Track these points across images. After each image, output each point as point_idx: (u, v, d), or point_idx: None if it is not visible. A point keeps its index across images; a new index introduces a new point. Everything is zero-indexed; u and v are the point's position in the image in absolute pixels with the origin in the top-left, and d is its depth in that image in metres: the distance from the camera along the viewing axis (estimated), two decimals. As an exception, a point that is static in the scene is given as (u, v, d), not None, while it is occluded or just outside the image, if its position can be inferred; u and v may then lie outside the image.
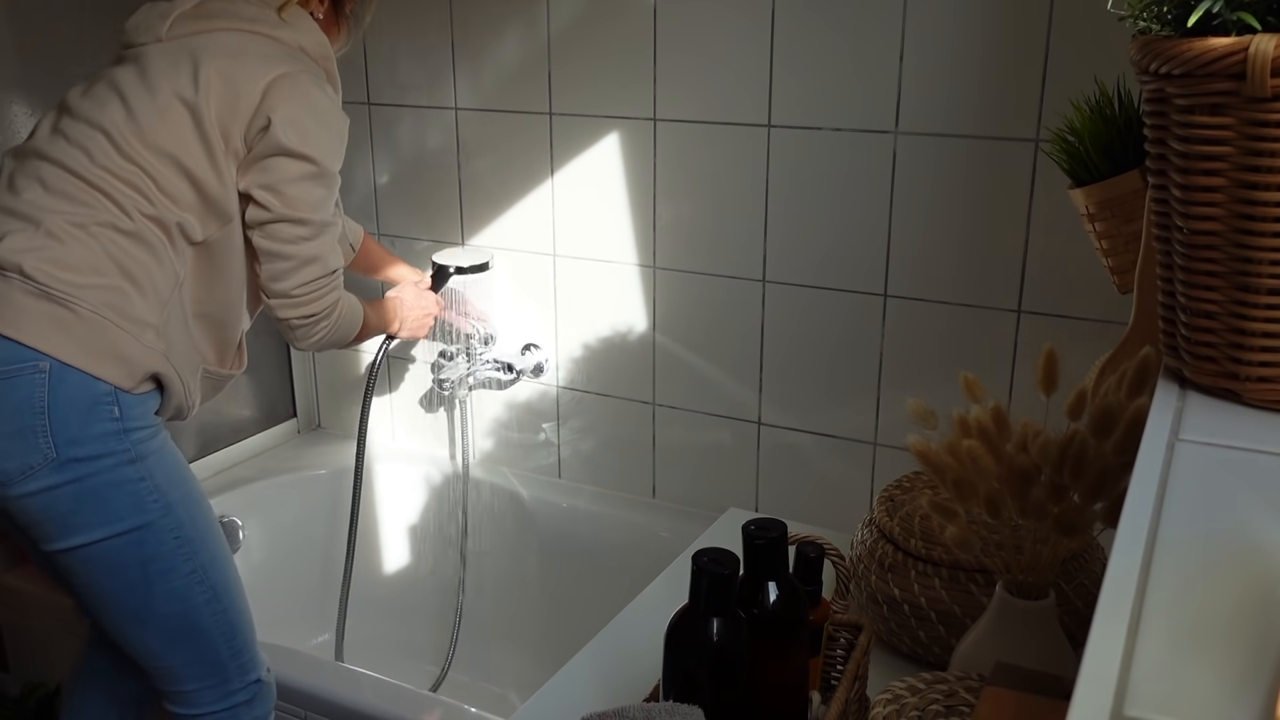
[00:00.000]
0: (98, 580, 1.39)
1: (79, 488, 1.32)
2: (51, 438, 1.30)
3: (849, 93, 1.69)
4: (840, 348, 1.81)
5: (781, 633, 1.02)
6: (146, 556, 1.38)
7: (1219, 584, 0.55)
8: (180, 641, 1.44)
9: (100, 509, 1.34)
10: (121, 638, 1.45)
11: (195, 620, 1.43)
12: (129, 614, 1.41)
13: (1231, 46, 0.69)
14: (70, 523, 1.34)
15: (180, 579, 1.41)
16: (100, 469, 1.33)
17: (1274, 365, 0.75)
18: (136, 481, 1.36)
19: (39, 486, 1.31)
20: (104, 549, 1.36)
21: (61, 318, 1.31)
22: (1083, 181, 1.20)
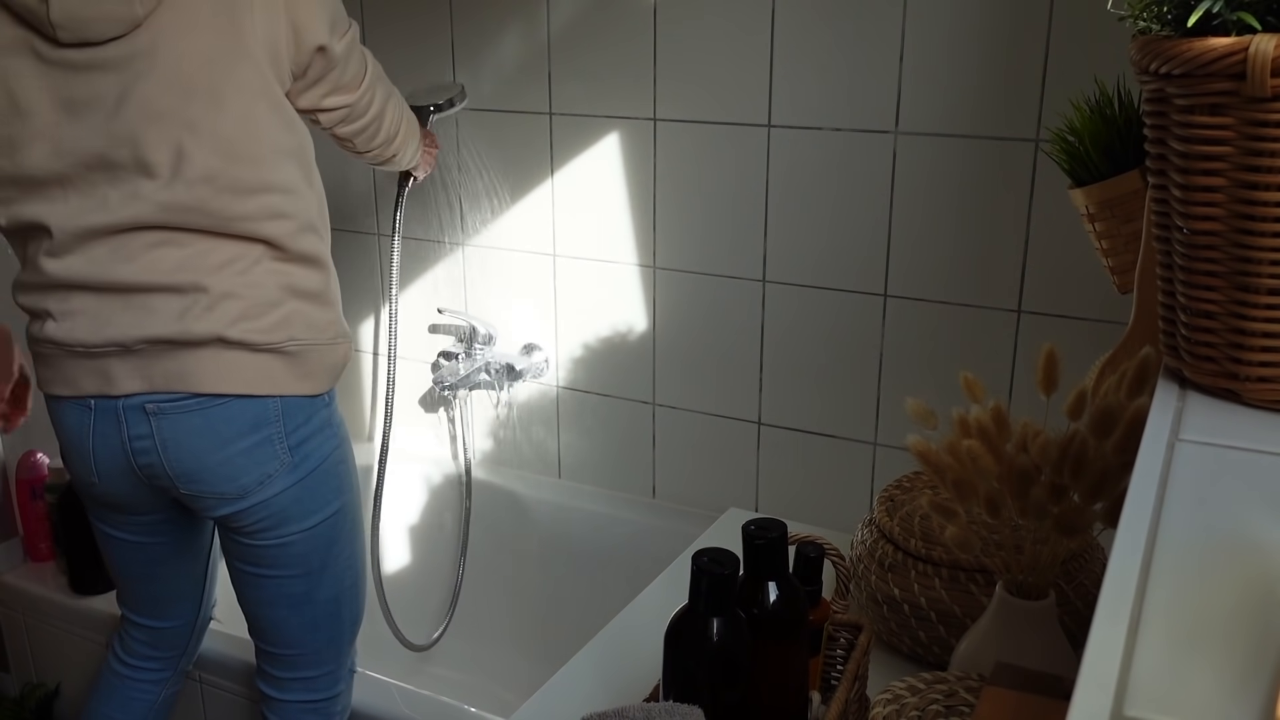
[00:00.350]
0: (284, 566, 1.43)
1: (307, 481, 1.39)
2: (286, 441, 1.37)
3: (849, 93, 1.69)
4: (840, 348, 1.81)
5: (781, 633, 1.02)
6: (334, 539, 1.45)
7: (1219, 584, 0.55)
8: (322, 628, 1.49)
9: (316, 497, 1.41)
10: (270, 620, 1.48)
11: (339, 606, 1.50)
12: (291, 600, 1.46)
13: (1231, 46, 0.69)
14: (289, 515, 1.39)
15: (343, 561, 1.48)
16: (321, 457, 1.41)
17: (1274, 365, 0.75)
18: (339, 464, 1.44)
19: (274, 491, 1.37)
20: (309, 535, 1.42)
21: (269, 364, 1.35)
22: (1083, 181, 1.20)
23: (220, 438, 1.34)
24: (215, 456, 1.34)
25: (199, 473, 1.35)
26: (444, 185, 2.10)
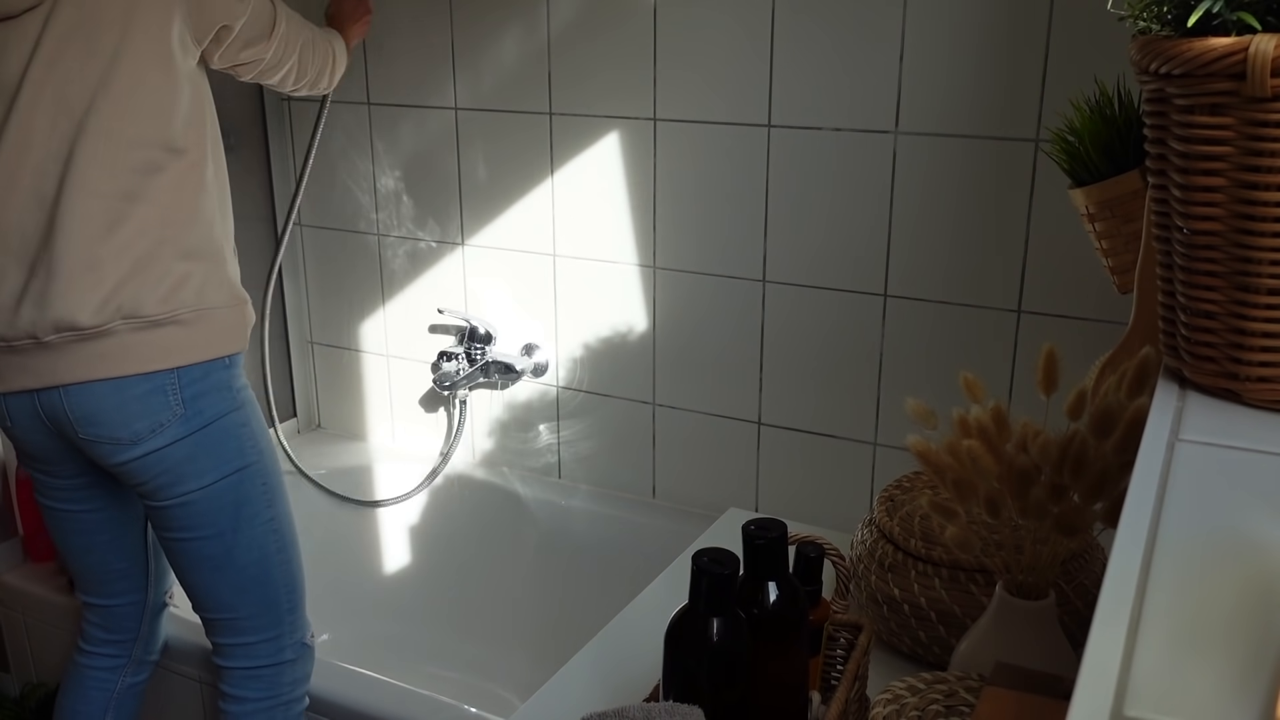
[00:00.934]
0: (193, 527, 1.48)
1: (200, 436, 1.44)
2: (180, 393, 1.42)
3: (849, 93, 1.69)
4: (840, 348, 1.81)
5: (781, 633, 1.02)
6: (240, 500, 1.49)
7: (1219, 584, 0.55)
8: (250, 590, 1.54)
9: (213, 454, 1.46)
10: (197, 585, 1.54)
11: (266, 570, 1.54)
12: (212, 562, 1.51)
13: (1231, 46, 0.69)
14: (185, 471, 1.45)
15: (260, 526, 1.51)
16: (216, 416, 1.45)
17: (1274, 365, 0.75)
18: (240, 427, 1.48)
19: (165, 441, 1.42)
20: (208, 494, 1.47)
21: (172, 336, 1.42)
22: (1083, 181, 1.20)
23: (117, 385, 1.40)
24: (110, 400, 1.40)
25: (96, 415, 1.41)
26: (444, 185, 2.10)
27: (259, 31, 1.51)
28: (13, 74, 1.34)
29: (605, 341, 2.03)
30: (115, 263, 1.38)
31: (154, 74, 1.37)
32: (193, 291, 1.43)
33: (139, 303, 1.39)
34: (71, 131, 1.34)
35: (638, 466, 2.07)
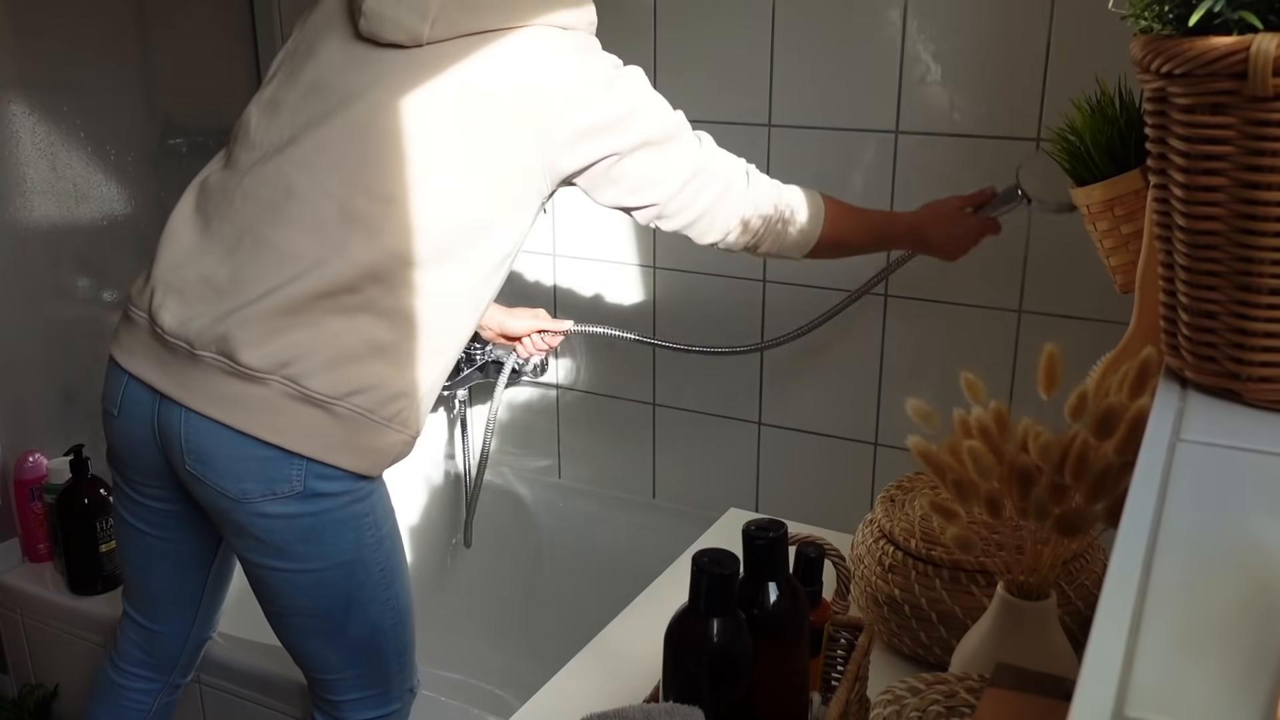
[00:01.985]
0: (299, 603, 1.40)
1: (315, 520, 1.33)
2: (305, 476, 1.30)
3: (849, 93, 1.69)
4: (841, 348, 1.81)
5: (781, 633, 1.02)
6: (353, 587, 1.39)
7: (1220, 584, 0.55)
8: (359, 659, 1.45)
9: (326, 540, 1.35)
10: (301, 650, 1.46)
11: (379, 643, 1.46)
12: (318, 633, 1.42)
13: (1233, 46, 0.69)
14: (293, 549, 1.34)
15: (376, 607, 1.42)
16: (338, 505, 1.34)
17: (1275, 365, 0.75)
18: (362, 518, 1.37)
19: (274, 512, 1.31)
20: (315, 579, 1.37)
21: (320, 422, 1.29)
22: (1084, 181, 1.20)
23: (242, 437, 1.29)
24: (230, 448, 1.29)
25: (210, 455, 1.30)
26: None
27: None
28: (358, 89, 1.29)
29: (605, 341, 2.03)
30: (314, 321, 1.27)
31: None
32: (374, 396, 1.30)
33: (309, 371, 1.27)
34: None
35: (638, 466, 2.07)
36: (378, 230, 1.27)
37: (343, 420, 1.30)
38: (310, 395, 1.28)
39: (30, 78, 1.88)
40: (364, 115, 1.28)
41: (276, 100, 1.35)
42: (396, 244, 1.27)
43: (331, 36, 1.34)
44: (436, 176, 1.27)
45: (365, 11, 1.28)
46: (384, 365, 1.31)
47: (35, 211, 1.94)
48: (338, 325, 1.28)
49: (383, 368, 1.31)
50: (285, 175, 1.29)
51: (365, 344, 1.29)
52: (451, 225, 1.30)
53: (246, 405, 1.28)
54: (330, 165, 1.28)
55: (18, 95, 1.87)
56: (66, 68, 1.93)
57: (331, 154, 1.28)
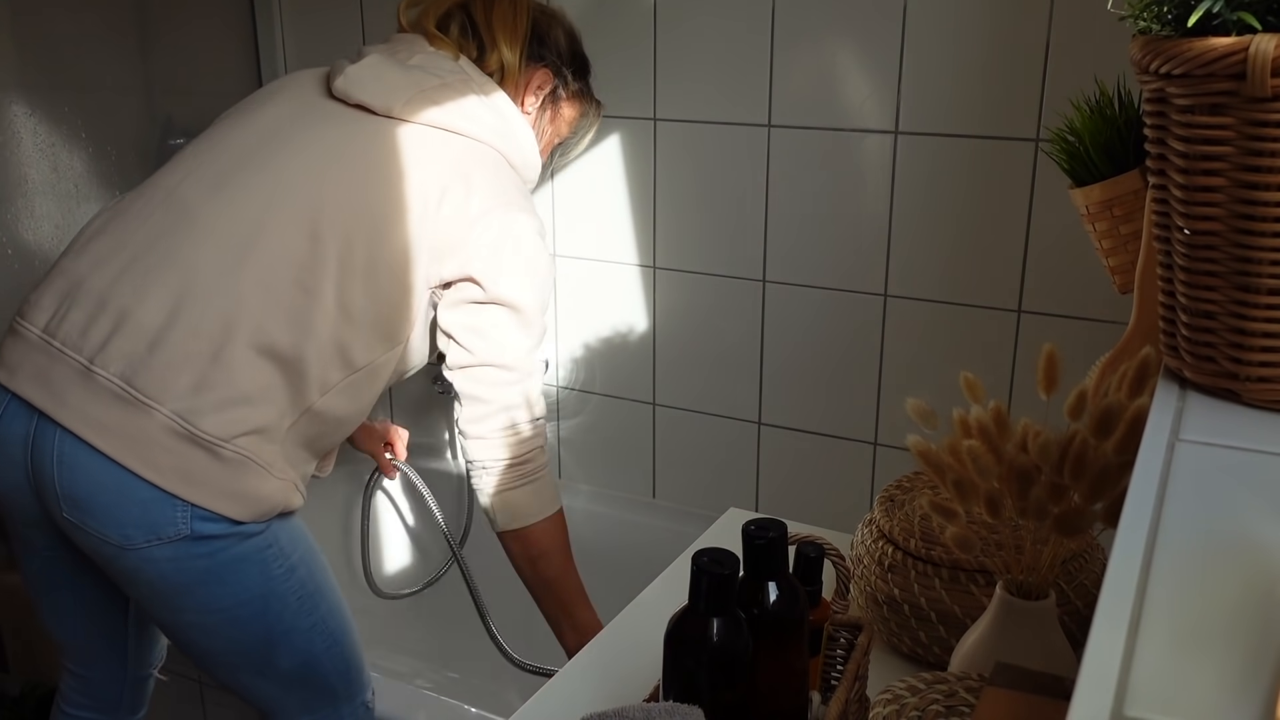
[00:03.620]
0: (215, 646, 1.34)
1: (209, 562, 1.27)
2: (190, 519, 1.24)
3: (849, 93, 1.69)
4: (840, 347, 1.81)
5: (781, 633, 1.02)
6: (269, 620, 1.33)
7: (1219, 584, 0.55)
8: (297, 686, 1.41)
9: (227, 580, 1.29)
10: (234, 686, 1.41)
11: (314, 667, 1.40)
12: (246, 669, 1.37)
13: (1232, 46, 0.69)
14: (194, 593, 1.28)
15: (301, 634, 1.37)
16: (231, 543, 1.27)
17: (1274, 365, 0.75)
18: (264, 550, 1.31)
19: (163, 555, 1.25)
20: (224, 619, 1.31)
21: (202, 463, 1.24)
22: (1083, 181, 1.20)
23: (120, 474, 1.22)
24: (107, 488, 1.23)
25: (86, 499, 1.23)
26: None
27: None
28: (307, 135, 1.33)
29: (605, 341, 2.03)
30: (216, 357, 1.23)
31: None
32: (262, 440, 1.26)
33: (202, 409, 1.23)
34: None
35: (638, 466, 2.07)
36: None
37: (227, 464, 1.24)
38: (197, 435, 1.23)
39: (31, 78, 1.88)
40: (297, 159, 1.30)
41: (214, 135, 1.36)
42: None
43: (299, 90, 1.37)
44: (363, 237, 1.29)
45: (346, 73, 1.35)
46: (276, 412, 1.27)
47: (36, 211, 1.94)
48: (238, 364, 1.24)
49: (274, 414, 1.27)
50: (206, 204, 1.28)
51: (262, 387, 1.26)
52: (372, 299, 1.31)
53: (127, 435, 1.22)
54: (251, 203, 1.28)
55: (18, 95, 1.87)
56: (67, 68, 1.93)
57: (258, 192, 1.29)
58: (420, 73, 1.37)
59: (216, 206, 1.29)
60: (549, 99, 1.51)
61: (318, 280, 1.27)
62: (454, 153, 1.34)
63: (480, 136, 1.37)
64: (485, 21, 1.42)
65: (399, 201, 1.30)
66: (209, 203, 1.29)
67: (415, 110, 1.33)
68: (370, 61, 1.38)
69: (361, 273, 1.29)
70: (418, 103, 1.33)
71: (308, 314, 1.27)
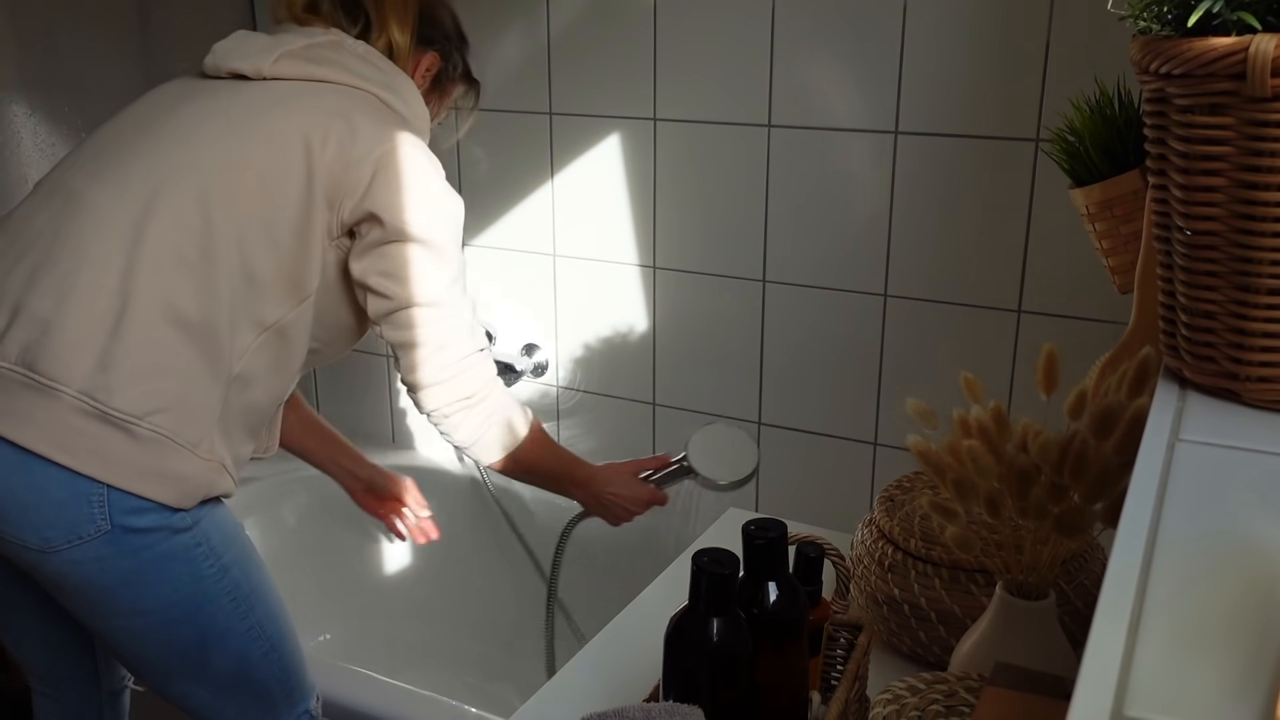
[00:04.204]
0: (146, 651, 1.29)
1: (134, 559, 1.21)
2: (108, 511, 1.18)
3: (849, 93, 1.69)
4: (840, 348, 1.81)
5: (781, 633, 1.02)
6: (202, 622, 1.28)
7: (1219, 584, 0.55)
8: (235, 694, 1.35)
9: (155, 580, 1.23)
10: (170, 694, 1.35)
11: (251, 673, 1.34)
12: (180, 675, 1.32)
13: (1232, 46, 0.69)
14: (121, 595, 1.23)
15: (236, 638, 1.31)
16: (157, 540, 1.22)
17: (1274, 365, 0.75)
18: (193, 548, 1.25)
19: (87, 556, 1.19)
20: (156, 621, 1.26)
21: (119, 444, 1.19)
22: (1083, 181, 1.20)
23: (27, 466, 1.17)
24: (17, 486, 1.17)
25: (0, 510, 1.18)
26: (444, 185, 2.10)
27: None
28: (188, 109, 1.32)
29: (605, 341, 2.03)
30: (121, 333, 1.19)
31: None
32: (177, 416, 1.21)
33: (108, 388, 1.17)
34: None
35: (638, 466, 2.07)
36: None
37: (144, 443, 1.19)
38: (109, 414, 1.17)
39: (31, 78, 1.88)
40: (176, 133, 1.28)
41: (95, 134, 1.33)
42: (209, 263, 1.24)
43: (173, 82, 1.37)
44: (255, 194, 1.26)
45: (214, 49, 1.34)
46: (192, 384, 1.22)
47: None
48: (141, 336, 1.19)
49: (191, 386, 1.22)
50: (91, 189, 1.25)
51: (172, 356, 1.21)
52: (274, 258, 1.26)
53: (36, 421, 1.16)
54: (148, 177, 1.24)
55: (18, 95, 1.87)
56: (67, 68, 1.93)
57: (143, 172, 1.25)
58: (287, 35, 1.35)
59: (102, 189, 1.24)
60: (434, 81, 1.47)
61: (214, 244, 1.23)
62: (332, 100, 1.30)
63: (358, 85, 1.32)
64: (375, 2, 1.38)
65: (283, 154, 1.26)
66: (94, 188, 1.25)
67: (286, 67, 1.30)
68: (237, 35, 1.36)
69: (258, 231, 1.24)
70: (287, 60, 1.31)
71: (209, 279, 1.23)
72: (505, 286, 2.10)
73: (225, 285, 1.23)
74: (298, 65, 1.31)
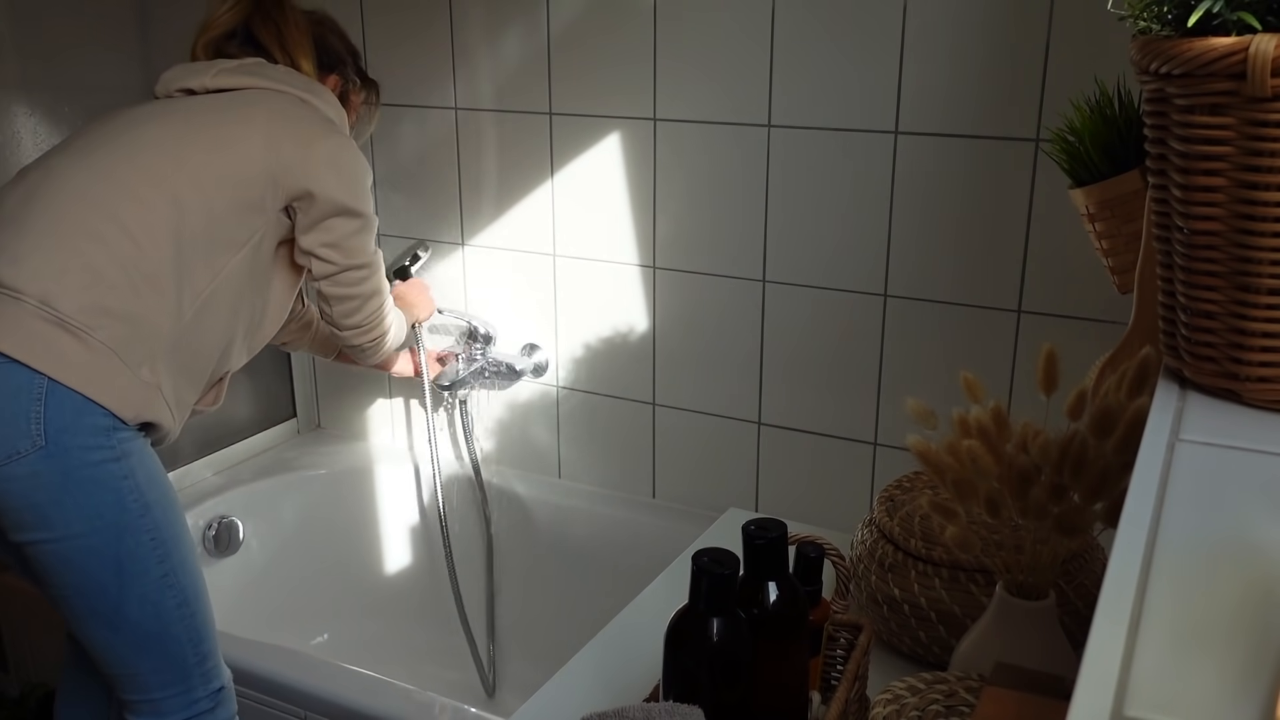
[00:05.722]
0: (71, 578, 1.37)
1: (65, 478, 1.32)
2: (44, 424, 1.30)
3: (849, 93, 1.69)
4: (840, 348, 1.81)
5: (781, 633, 1.02)
6: (121, 556, 1.37)
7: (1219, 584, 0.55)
8: (149, 647, 1.43)
9: (82, 502, 1.33)
10: (89, 641, 1.43)
11: (165, 626, 1.42)
12: (99, 617, 1.40)
13: (1232, 46, 0.69)
14: (49, 514, 1.32)
15: (152, 582, 1.40)
16: (87, 462, 1.33)
17: (1274, 365, 0.75)
18: (120, 479, 1.35)
19: (22, 472, 1.30)
20: (79, 545, 1.35)
21: (71, 347, 1.32)
22: (1083, 181, 1.20)
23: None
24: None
25: None
26: (444, 185, 2.10)
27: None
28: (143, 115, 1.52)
29: (605, 341, 2.03)
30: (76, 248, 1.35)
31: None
32: (120, 333, 1.35)
33: (63, 295, 1.32)
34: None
35: (638, 466, 2.07)
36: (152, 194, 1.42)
37: (95, 353, 1.33)
38: (64, 320, 1.31)
39: (30, 78, 1.88)
40: (141, 140, 1.46)
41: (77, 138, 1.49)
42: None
43: (123, 107, 1.53)
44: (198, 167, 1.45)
45: (160, 78, 1.56)
46: (143, 307, 1.37)
47: (36, 212, 1.94)
48: (95, 250, 1.35)
49: (141, 309, 1.37)
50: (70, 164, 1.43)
51: (122, 275, 1.36)
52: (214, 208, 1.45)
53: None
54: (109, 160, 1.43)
55: (18, 95, 1.87)
56: (67, 68, 1.93)
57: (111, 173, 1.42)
58: (218, 61, 1.57)
59: (76, 166, 1.42)
60: (340, 97, 1.69)
61: (180, 192, 1.42)
62: (271, 101, 1.53)
63: (286, 90, 1.56)
64: (276, 38, 1.60)
65: (240, 139, 1.47)
66: (67, 164, 1.42)
67: (225, 80, 1.53)
68: (176, 66, 1.58)
69: (212, 189, 1.44)
70: (225, 75, 1.54)
71: (172, 222, 1.41)
72: (505, 286, 2.10)
73: (184, 228, 1.42)
74: (234, 78, 1.54)
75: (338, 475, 2.26)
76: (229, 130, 1.47)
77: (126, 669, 1.44)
